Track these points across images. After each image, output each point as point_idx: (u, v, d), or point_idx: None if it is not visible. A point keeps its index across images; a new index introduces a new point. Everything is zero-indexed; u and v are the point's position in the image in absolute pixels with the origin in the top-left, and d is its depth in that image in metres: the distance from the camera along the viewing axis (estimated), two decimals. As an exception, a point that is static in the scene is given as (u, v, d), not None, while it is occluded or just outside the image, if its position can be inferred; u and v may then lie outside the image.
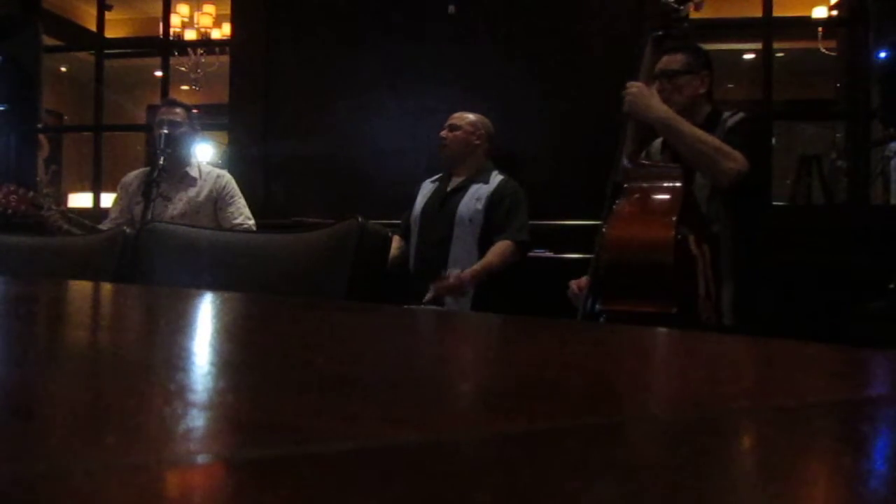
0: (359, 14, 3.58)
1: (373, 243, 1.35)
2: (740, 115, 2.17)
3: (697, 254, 1.93)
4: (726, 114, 2.19)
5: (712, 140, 2.01)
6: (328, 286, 1.33)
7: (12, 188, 2.75)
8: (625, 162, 2.06)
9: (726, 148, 2.00)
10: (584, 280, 2.23)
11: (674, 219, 1.87)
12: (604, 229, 1.96)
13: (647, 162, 2.19)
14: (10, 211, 2.71)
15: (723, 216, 2.09)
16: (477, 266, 2.67)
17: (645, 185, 2.01)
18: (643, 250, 1.88)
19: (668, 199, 1.94)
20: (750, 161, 2.00)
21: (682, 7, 2.09)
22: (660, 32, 2.13)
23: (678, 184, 1.95)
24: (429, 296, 2.66)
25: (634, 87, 2.08)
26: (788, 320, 2.74)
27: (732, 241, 2.07)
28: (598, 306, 1.97)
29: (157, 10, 4.43)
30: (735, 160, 1.99)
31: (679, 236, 1.86)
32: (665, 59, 2.20)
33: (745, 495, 0.25)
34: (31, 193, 2.79)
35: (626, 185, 2.02)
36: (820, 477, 0.29)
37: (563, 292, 2.29)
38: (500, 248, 2.70)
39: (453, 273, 2.64)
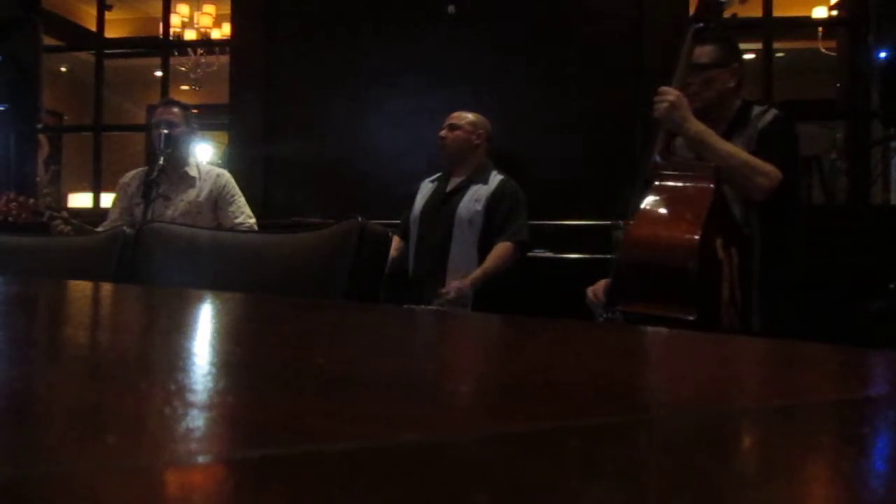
0: (358, 14, 3.58)
1: (373, 243, 1.35)
2: (773, 112, 2.07)
3: (724, 258, 1.87)
4: (757, 108, 2.10)
5: (745, 156, 1.95)
6: (328, 286, 1.33)
7: (12, 196, 2.75)
8: (656, 158, 1.99)
9: (759, 163, 1.93)
10: (601, 284, 2.19)
11: (700, 221, 1.81)
12: (628, 227, 1.92)
13: (679, 159, 2.10)
14: (10, 219, 2.72)
15: (755, 220, 2.02)
16: (477, 272, 2.66)
17: (675, 183, 1.94)
18: (666, 252, 1.83)
19: (697, 200, 1.87)
20: (784, 168, 1.94)
21: (726, 1, 2.04)
22: (700, 25, 2.05)
23: (709, 184, 1.89)
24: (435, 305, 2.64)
25: (672, 96, 1.99)
26: (788, 320, 2.74)
27: (762, 246, 2.01)
28: (616, 306, 1.94)
29: (157, 10, 4.43)
30: (767, 175, 1.92)
31: (704, 239, 1.80)
32: (695, 51, 2.10)
33: (745, 495, 0.25)
34: (31, 200, 2.79)
35: (655, 183, 1.95)
36: (820, 477, 0.29)
37: (563, 292, 2.29)
38: (499, 252, 2.70)
39: (453, 285, 2.63)
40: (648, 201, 1.94)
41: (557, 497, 0.23)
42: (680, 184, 1.95)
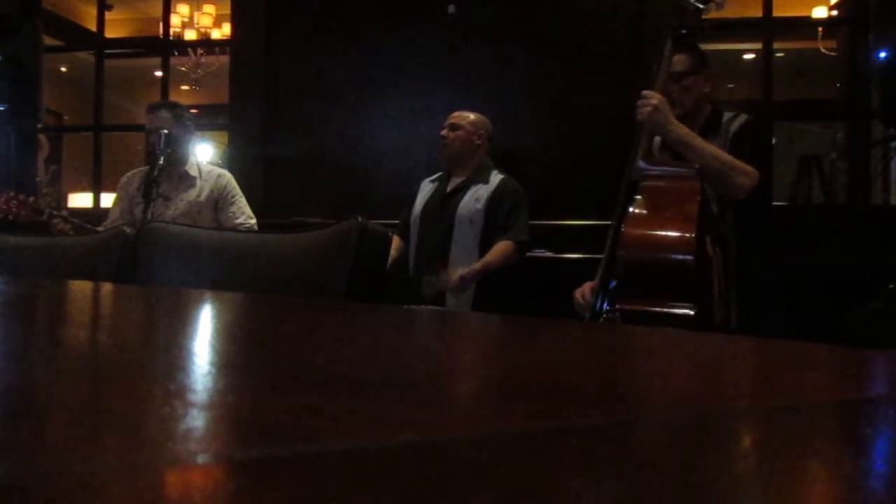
0: (358, 14, 3.58)
1: (373, 243, 1.35)
2: (743, 117, 2.17)
3: (712, 254, 1.94)
4: (727, 115, 2.19)
5: (727, 157, 2.03)
6: (328, 286, 1.33)
7: (13, 194, 2.75)
8: (640, 162, 2.04)
9: (739, 164, 2.02)
10: (587, 286, 2.21)
11: (694, 219, 1.87)
12: (622, 228, 1.95)
13: (663, 160, 2.16)
14: (10, 217, 2.72)
15: (730, 219, 2.10)
16: (477, 265, 2.67)
17: (662, 184, 2.00)
18: (665, 250, 1.88)
19: (687, 199, 1.94)
20: (759, 170, 2.03)
21: (704, 6, 2.09)
22: (682, 31, 2.11)
23: (695, 184, 1.95)
24: (429, 293, 2.66)
25: (655, 99, 2.05)
26: (789, 320, 2.74)
27: (738, 244, 2.09)
28: (615, 305, 1.96)
29: (157, 10, 4.43)
30: (747, 175, 2.02)
31: (699, 237, 1.86)
32: (672, 59, 2.17)
33: (745, 495, 0.25)
34: (31, 199, 2.79)
35: (642, 184, 2.00)
36: (820, 477, 0.29)
37: (563, 292, 2.29)
38: (500, 249, 2.70)
39: (454, 272, 2.64)
40: (640, 202, 1.98)
41: (557, 497, 0.23)
42: (668, 184, 2.01)
